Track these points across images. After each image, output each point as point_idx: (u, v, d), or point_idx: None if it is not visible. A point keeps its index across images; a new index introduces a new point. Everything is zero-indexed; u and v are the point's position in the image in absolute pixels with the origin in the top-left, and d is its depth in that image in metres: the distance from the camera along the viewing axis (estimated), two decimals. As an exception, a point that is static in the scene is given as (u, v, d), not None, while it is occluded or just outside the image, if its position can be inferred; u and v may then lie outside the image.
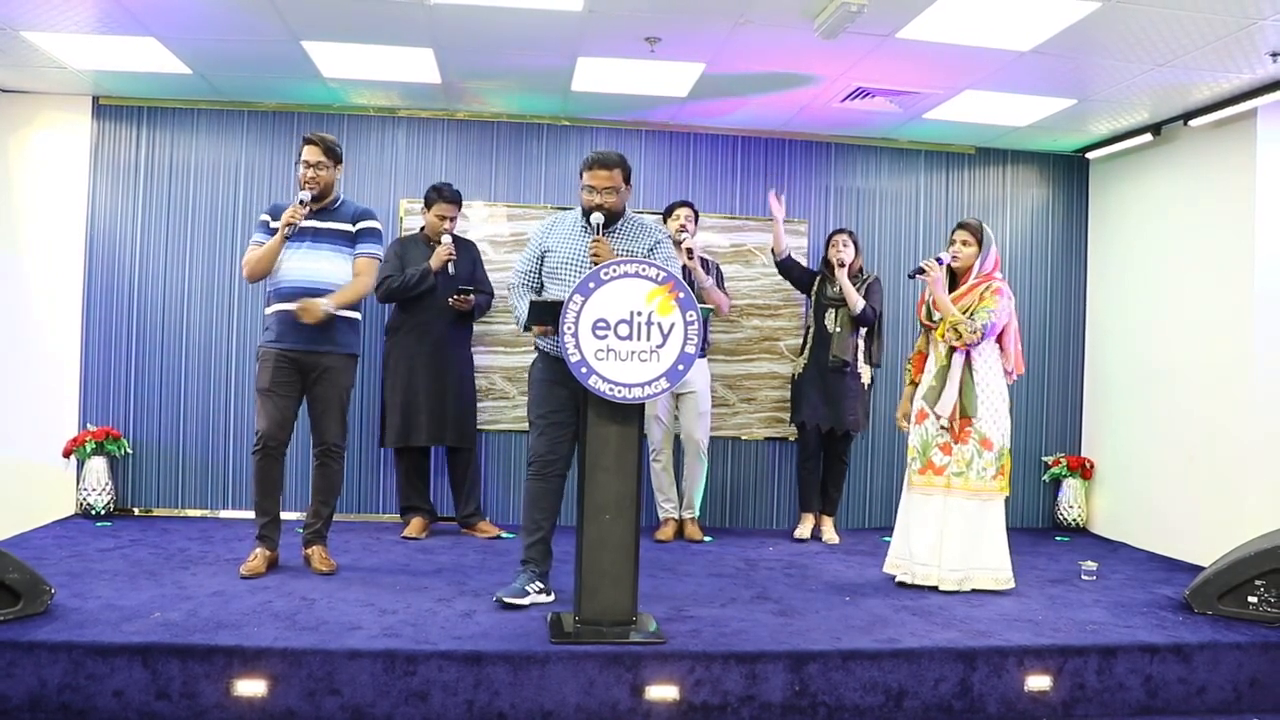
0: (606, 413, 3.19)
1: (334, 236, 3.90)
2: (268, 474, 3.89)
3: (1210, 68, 4.12)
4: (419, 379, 4.71)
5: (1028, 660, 3.22)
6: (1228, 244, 4.71)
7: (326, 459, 3.97)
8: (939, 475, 3.97)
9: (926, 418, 4.02)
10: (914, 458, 4.05)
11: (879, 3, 3.53)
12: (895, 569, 4.11)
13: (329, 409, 3.93)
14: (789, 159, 5.57)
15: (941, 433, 3.97)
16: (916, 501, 4.03)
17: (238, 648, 2.92)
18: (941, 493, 3.96)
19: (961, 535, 3.94)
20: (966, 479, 3.94)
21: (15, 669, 2.86)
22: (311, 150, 3.86)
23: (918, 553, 4.00)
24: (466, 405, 4.85)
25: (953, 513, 3.94)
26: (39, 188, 5.13)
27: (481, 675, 2.95)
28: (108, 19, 4.03)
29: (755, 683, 3.06)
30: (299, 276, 3.83)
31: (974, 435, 3.93)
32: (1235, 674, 3.33)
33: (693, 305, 3.17)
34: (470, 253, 4.89)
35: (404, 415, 4.72)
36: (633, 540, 3.23)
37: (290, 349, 3.84)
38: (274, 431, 3.85)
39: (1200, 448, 4.83)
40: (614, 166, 3.51)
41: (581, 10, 3.81)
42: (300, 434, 4.10)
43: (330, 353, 3.89)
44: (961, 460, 3.95)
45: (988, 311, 3.91)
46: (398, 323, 4.81)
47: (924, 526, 3.99)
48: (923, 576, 3.97)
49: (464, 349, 4.89)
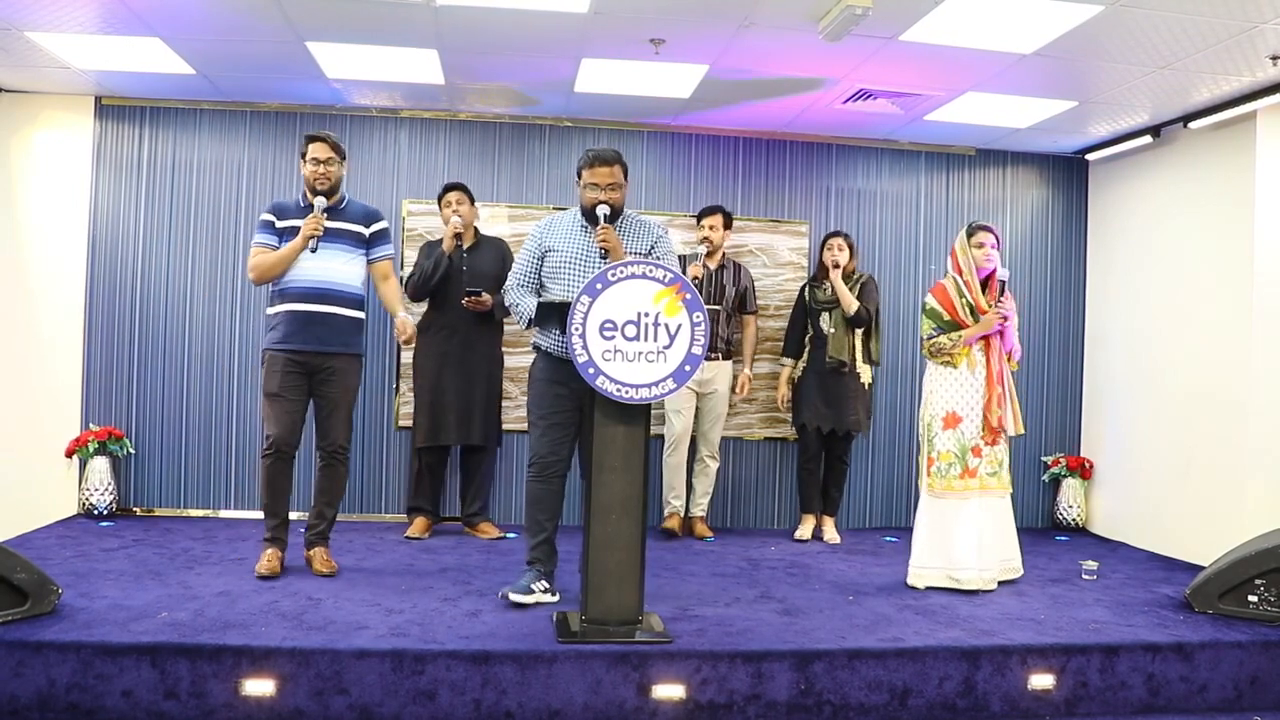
0: (614, 413, 3.21)
1: (345, 237, 3.90)
2: (279, 478, 3.89)
3: (1211, 70, 4.14)
4: (446, 378, 4.72)
5: (1031, 659, 3.24)
6: (1227, 245, 4.74)
7: (333, 460, 3.96)
8: (974, 478, 4.00)
9: (961, 421, 3.99)
10: (951, 463, 3.98)
11: (883, 6, 3.54)
12: (924, 580, 4.01)
13: (337, 410, 3.92)
14: (790, 160, 5.59)
15: (975, 435, 3.99)
16: (953, 507, 3.98)
17: (246, 647, 2.93)
18: (977, 495, 4.00)
19: (1001, 533, 4.07)
20: (1000, 478, 4.05)
21: (24, 669, 2.86)
22: (320, 147, 3.85)
23: (963, 558, 3.95)
24: (492, 404, 4.84)
25: (988, 513, 4.01)
26: (42, 188, 5.13)
27: (489, 674, 2.96)
28: (113, 19, 4.03)
29: (761, 682, 3.08)
30: (313, 277, 3.82)
31: (1004, 436, 4.03)
32: (1236, 672, 3.35)
33: (699, 306, 3.18)
34: (498, 249, 4.88)
35: (432, 415, 4.74)
36: (639, 540, 3.25)
37: (300, 350, 3.83)
38: (286, 436, 3.85)
39: (1199, 448, 4.86)
40: (614, 163, 3.55)
41: (587, 12, 3.82)
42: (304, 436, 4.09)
43: (340, 354, 3.89)
44: (994, 460, 4.02)
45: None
46: (427, 321, 4.83)
47: (967, 530, 3.97)
48: (968, 581, 3.94)
49: (492, 348, 4.87)
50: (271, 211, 3.93)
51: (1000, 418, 3.96)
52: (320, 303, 3.83)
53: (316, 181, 3.84)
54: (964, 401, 4.00)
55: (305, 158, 3.88)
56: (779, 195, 5.57)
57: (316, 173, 3.84)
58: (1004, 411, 3.97)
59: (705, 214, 5.06)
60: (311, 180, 3.86)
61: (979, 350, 4.01)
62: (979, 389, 3.99)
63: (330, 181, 3.86)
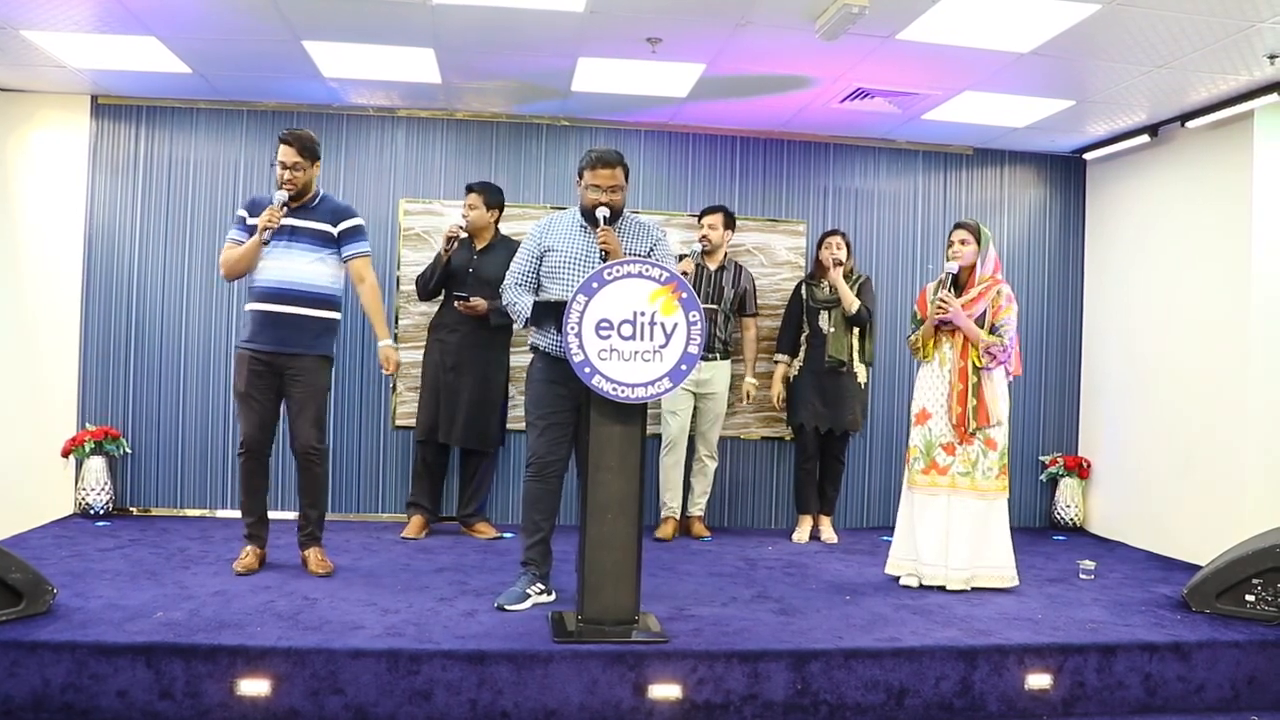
0: (610, 412, 3.20)
1: (311, 236, 3.84)
2: (253, 476, 3.91)
3: (1208, 69, 4.14)
4: (451, 378, 4.72)
5: (1028, 659, 3.23)
6: (1224, 244, 4.73)
7: (308, 462, 3.92)
8: (943, 475, 3.98)
9: (930, 418, 4.03)
10: (916, 458, 4.04)
11: (880, 4, 3.54)
12: (898, 570, 4.11)
13: (304, 411, 3.86)
14: (787, 159, 5.59)
15: (945, 433, 3.98)
16: (920, 502, 4.03)
17: (241, 647, 2.93)
18: (946, 492, 3.97)
19: (969, 535, 3.96)
20: (973, 479, 3.97)
21: (19, 669, 2.86)
22: (287, 151, 3.77)
23: (924, 554, 4.00)
24: (490, 408, 4.82)
25: (958, 512, 3.96)
26: (38, 187, 5.12)
27: (485, 674, 2.96)
28: (109, 18, 4.03)
29: (758, 681, 3.07)
30: (275, 277, 3.79)
31: (980, 436, 3.96)
32: (1234, 672, 3.35)
33: (695, 306, 3.18)
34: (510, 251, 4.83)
35: (433, 412, 4.74)
36: (635, 540, 3.24)
37: (262, 350, 3.80)
38: (255, 434, 3.85)
39: (1197, 447, 4.86)
40: (616, 165, 3.53)
41: (583, 11, 3.81)
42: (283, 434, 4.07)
43: (301, 355, 3.84)
44: (967, 460, 3.96)
45: (1007, 326, 3.96)
46: (437, 320, 4.85)
47: (930, 527, 3.99)
48: (930, 577, 3.98)
49: (498, 351, 4.84)
50: (246, 208, 3.88)
51: (960, 415, 3.92)
52: (281, 302, 3.79)
53: (284, 186, 3.79)
54: (933, 398, 4.02)
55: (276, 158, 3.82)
56: (776, 194, 5.56)
57: (283, 177, 3.78)
58: (964, 409, 3.92)
59: (706, 213, 5.05)
60: (278, 183, 3.81)
61: (950, 347, 4.00)
62: (948, 386, 3.99)
63: (297, 186, 3.79)
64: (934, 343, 4.06)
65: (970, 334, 3.95)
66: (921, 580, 4.00)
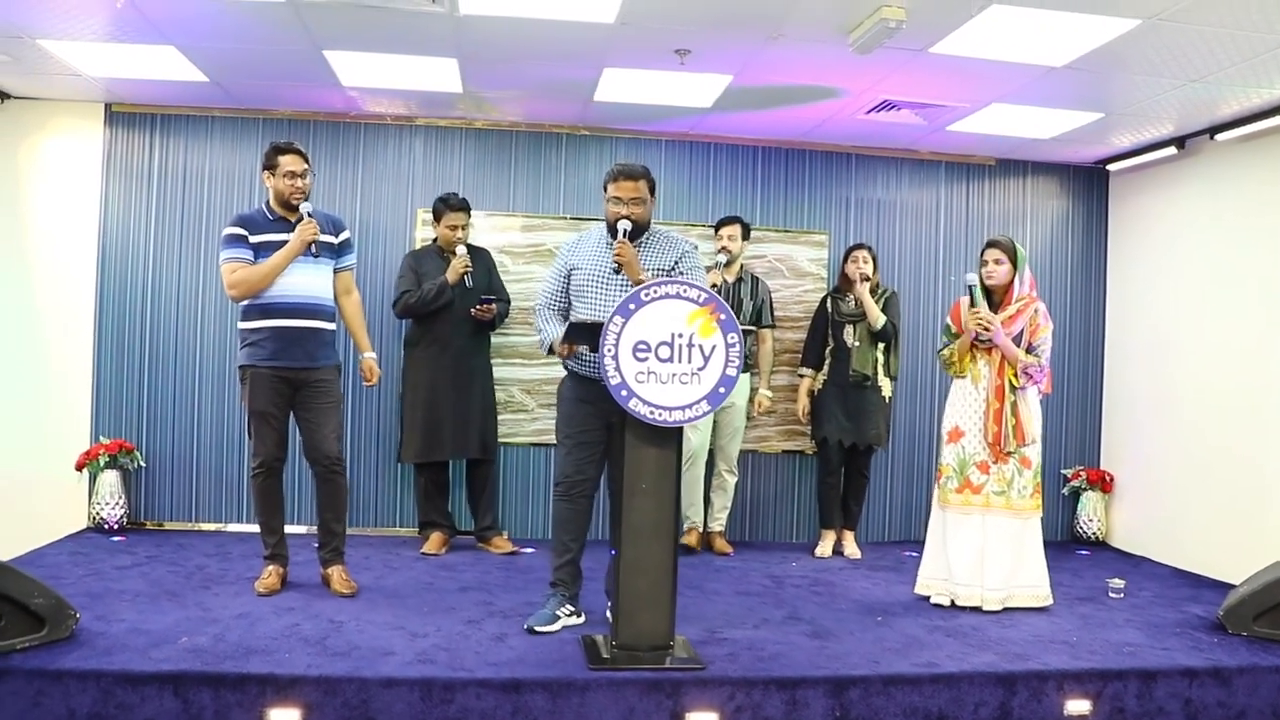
0: (645, 435, 3.14)
1: (326, 249, 3.83)
2: (273, 494, 3.86)
3: (1242, 83, 4.09)
4: (441, 393, 4.65)
5: (1067, 684, 3.19)
6: (1252, 258, 4.68)
7: (332, 475, 3.87)
8: (977, 494, 3.93)
9: (963, 436, 3.97)
10: (949, 476, 3.99)
11: (918, 18, 3.48)
12: (928, 589, 4.05)
13: (328, 422, 3.82)
14: (809, 169, 5.53)
15: (979, 451, 3.93)
16: (954, 521, 3.97)
17: (271, 676, 2.87)
18: (980, 512, 3.92)
19: (1005, 554, 3.91)
20: (1008, 498, 3.92)
21: (43, 698, 2.80)
22: (296, 160, 3.73)
23: (958, 573, 3.95)
24: (489, 417, 4.79)
25: (994, 532, 3.91)
26: (51, 195, 5.05)
27: (520, 703, 2.90)
28: (127, 28, 3.96)
29: (796, 709, 3.02)
30: (300, 292, 3.73)
31: (1015, 454, 3.91)
32: (1275, 697, 3.29)
33: (734, 327, 3.12)
34: (485, 261, 4.83)
35: (426, 431, 4.66)
36: (670, 564, 3.18)
37: (288, 367, 3.74)
38: (275, 453, 3.80)
39: (1221, 462, 4.80)
40: (639, 178, 3.47)
41: (613, 22, 3.75)
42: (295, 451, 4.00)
43: (325, 367, 3.83)
44: (1002, 479, 3.91)
45: (1045, 346, 3.92)
46: (416, 336, 4.75)
47: (964, 546, 3.94)
48: (965, 598, 3.92)
49: (483, 359, 4.83)
50: (240, 225, 3.74)
51: (997, 434, 3.87)
52: (307, 318, 3.76)
53: (292, 196, 3.72)
54: (967, 416, 3.97)
55: (275, 170, 3.73)
56: (798, 205, 5.51)
57: (294, 186, 3.71)
58: (1000, 428, 3.88)
59: (723, 224, 4.99)
60: (287, 194, 3.72)
61: (985, 365, 3.95)
62: (983, 404, 3.94)
63: (304, 195, 3.75)
64: (969, 359, 4.00)
65: (1009, 354, 3.89)
66: (955, 600, 3.95)
